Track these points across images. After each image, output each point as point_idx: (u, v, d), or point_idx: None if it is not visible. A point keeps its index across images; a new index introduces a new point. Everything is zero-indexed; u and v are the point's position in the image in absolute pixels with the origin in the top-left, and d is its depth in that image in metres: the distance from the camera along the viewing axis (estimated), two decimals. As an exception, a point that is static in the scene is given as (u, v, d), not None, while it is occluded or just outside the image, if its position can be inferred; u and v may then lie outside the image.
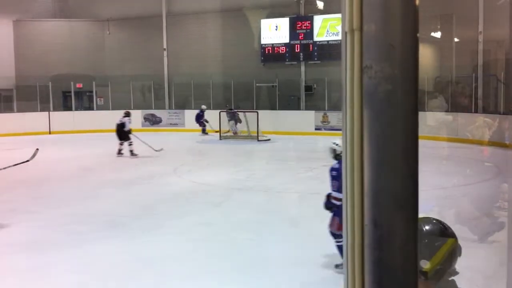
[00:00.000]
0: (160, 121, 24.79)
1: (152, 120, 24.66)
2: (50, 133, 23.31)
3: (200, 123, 22.01)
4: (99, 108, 25.45)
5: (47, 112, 23.97)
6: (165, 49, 25.85)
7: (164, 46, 25.84)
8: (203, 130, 21.95)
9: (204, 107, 22.18)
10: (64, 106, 25.97)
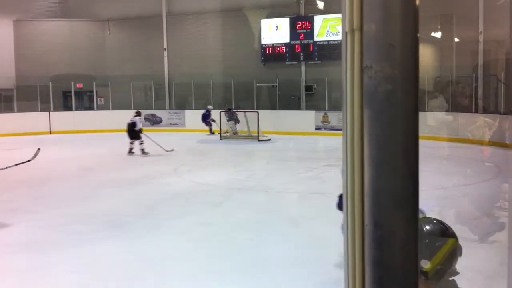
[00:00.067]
0: (161, 121, 24.79)
1: (153, 120, 24.65)
2: (50, 133, 23.32)
3: (207, 122, 22.04)
4: (100, 108, 25.47)
5: (48, 112, 23.98)
6: (165, 49, 25.85)
7: (164, 46, 25.85)
8: (210, 130, 21.99)
9: (210, 107, 22.28)
10: (64, 106, 25.98)
